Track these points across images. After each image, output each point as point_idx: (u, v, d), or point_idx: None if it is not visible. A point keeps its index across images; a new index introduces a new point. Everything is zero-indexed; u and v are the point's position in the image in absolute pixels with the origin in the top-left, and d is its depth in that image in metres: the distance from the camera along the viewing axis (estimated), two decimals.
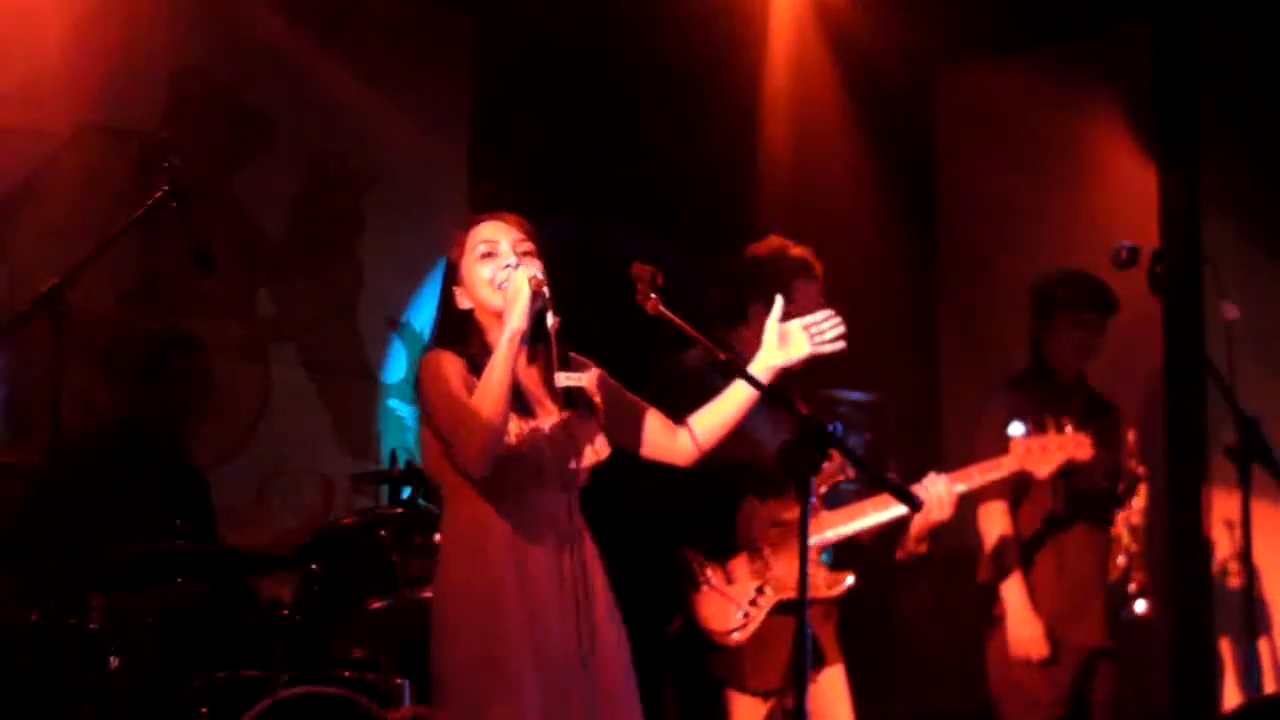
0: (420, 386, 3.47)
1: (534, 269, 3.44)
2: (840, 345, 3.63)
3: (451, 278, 3.58)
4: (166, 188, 4.05)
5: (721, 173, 6.43)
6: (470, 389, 3.40)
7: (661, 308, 3.46)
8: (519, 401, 3.47)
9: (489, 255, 3.52)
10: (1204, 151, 6.01)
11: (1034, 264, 5.74)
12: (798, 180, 6.48)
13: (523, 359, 3.51)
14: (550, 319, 3.40)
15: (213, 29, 5.74)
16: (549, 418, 3.52)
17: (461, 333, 3.53)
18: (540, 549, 3.45)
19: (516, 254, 3.50)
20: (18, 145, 5.36)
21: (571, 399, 3.53)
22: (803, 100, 6.51)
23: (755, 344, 4.38)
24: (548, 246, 3.58)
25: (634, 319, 3.50)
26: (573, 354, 3.59)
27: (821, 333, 3.62)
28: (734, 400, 3.64)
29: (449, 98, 6.37)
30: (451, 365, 3.45)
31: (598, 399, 3.61)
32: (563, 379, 3.47)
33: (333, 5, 6.04)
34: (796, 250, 4.54)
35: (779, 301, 3.66)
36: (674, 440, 3.67)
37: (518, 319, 3.38)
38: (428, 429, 3.50)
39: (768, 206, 6.42)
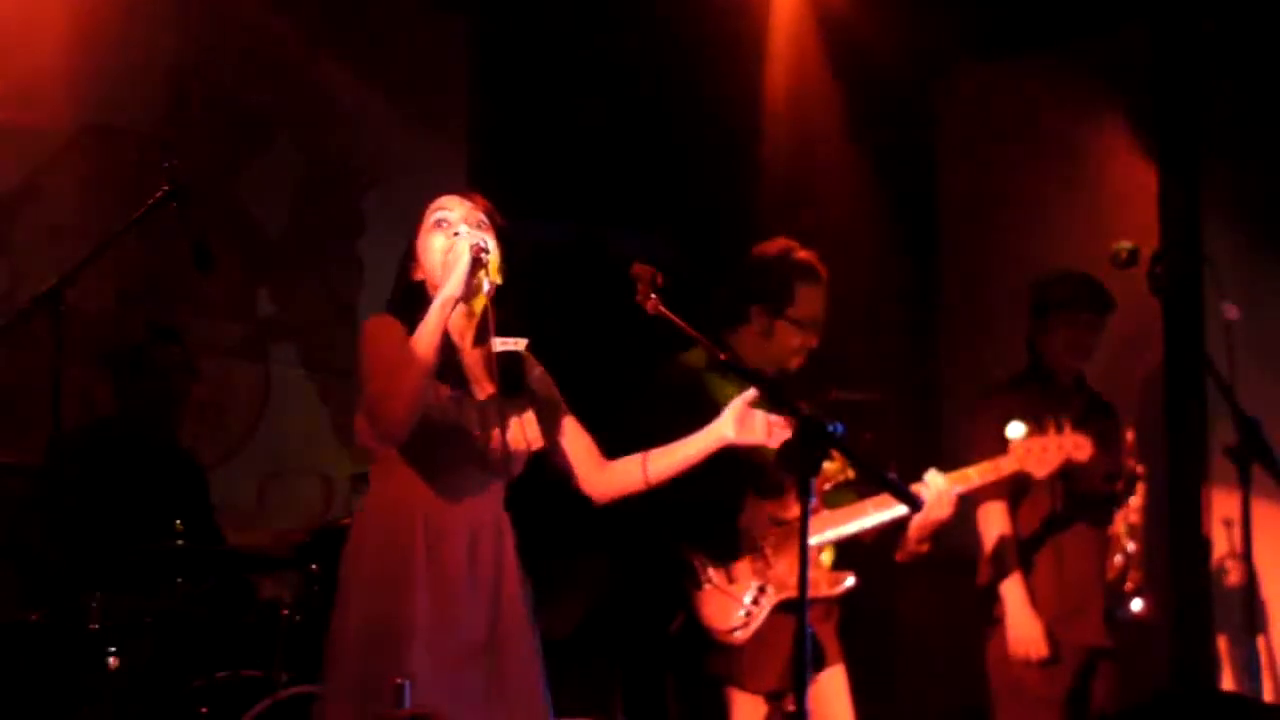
0: (359, 349, 3.47)
1: (479, 238, 3.42)
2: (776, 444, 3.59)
3: (410, 251, 3.57)
4: (166, 188, 4.05)
5: (721, 173, 6.42)
6: None
7: (661, 308, 3.46)
8: (455, 374, 3.47)
9: (439, 224, 3.52)
10: (1204, 151, 6.00)
11: (1034, 264, 5.74)
12: (798, 181, 6.47)
13: (470, 336, 3.51)
14: (487, 285, 3.38)
15: (213, 29, 5.75)
16: (483, 395, 3.49)
17: (412, 302, 3.49)
18: (456, 531, 3.43)
19: (469, 225, 3.49)
20: (18, 145, 5.37)
21: (510, 384, 3.47)
22: (803, 100, 6.51)
23: (755, 346, 4.39)
24: (508, 229, 3.55)
25: (634, 319, 3.49)
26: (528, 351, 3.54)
27: (779, 434, 3.59)
28: (682, 453, 3.62)
29: (449, 98, 6.37)
30: (390, 329, 3.44)
31: (534, 388, 3.56)
32: (499, 344, 3.43)
33: (332, 6, 6.04)
34: (801, 253, 4.53)
35: (752, 391, 3.62)
36: (596, 472, 3.64)
37: (453, 285, 3.36)
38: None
39: (768, 206, 6.41)
